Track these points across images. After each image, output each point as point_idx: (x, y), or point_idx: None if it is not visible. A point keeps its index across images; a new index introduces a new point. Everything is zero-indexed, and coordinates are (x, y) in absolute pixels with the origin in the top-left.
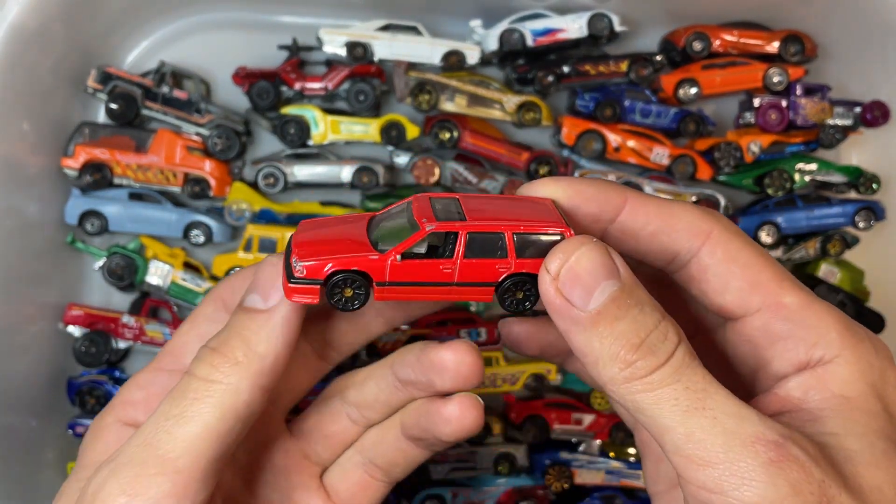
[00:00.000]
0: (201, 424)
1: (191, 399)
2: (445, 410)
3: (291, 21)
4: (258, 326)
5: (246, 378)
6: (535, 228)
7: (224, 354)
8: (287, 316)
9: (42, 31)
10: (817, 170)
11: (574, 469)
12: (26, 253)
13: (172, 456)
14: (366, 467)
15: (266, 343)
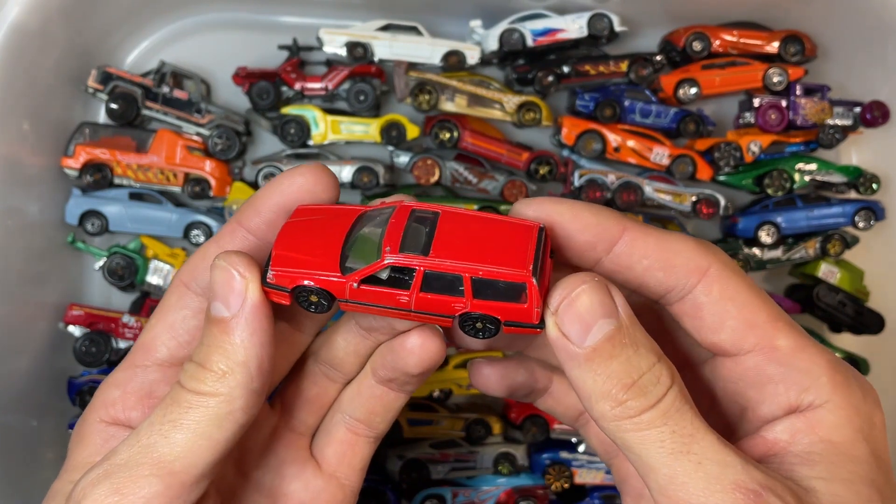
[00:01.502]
0: (196, 431)
1: (185, 408)
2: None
3: (292, 21)
4: (230, 336)
5: (236, 386)
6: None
7: (209, 369)
8: (252, 319)
9: (42, 32)
10: (817, 170)
11: (574, 469)
12: (27, 253)
13: (168, 459)
14: (347, 424)
15: (243, 350)
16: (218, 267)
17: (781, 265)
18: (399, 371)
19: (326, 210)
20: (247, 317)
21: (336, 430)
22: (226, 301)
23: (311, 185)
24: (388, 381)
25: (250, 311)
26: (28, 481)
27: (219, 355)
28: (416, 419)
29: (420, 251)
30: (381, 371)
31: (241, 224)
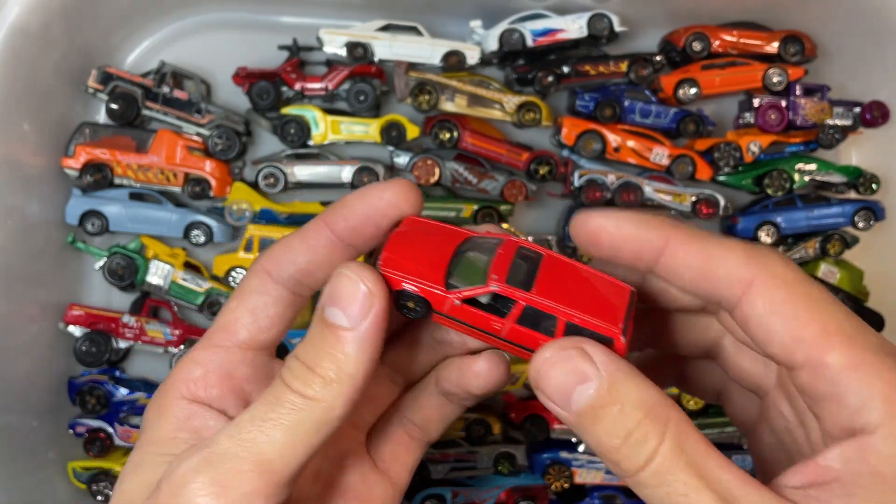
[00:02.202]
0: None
1: (287, 409)
2: (476, 365)
3: (292, 21)
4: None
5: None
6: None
7: (317, 373)
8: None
9: (43, 32)
10: (817, 170)
11: (574, 468)
12: (27, 253)
13: (269, 457)
14: (405, 427)
15: (355, 363)
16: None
17: None
18: (462, 389)
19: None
20: (366, 331)
21: (394, 430)
22: (347, 310)
23: (397, 200)
24: (448, 394)
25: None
26: (29, 481)
27: (329, 362)
28: None
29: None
30: (444, 384)
31: (328, 224)
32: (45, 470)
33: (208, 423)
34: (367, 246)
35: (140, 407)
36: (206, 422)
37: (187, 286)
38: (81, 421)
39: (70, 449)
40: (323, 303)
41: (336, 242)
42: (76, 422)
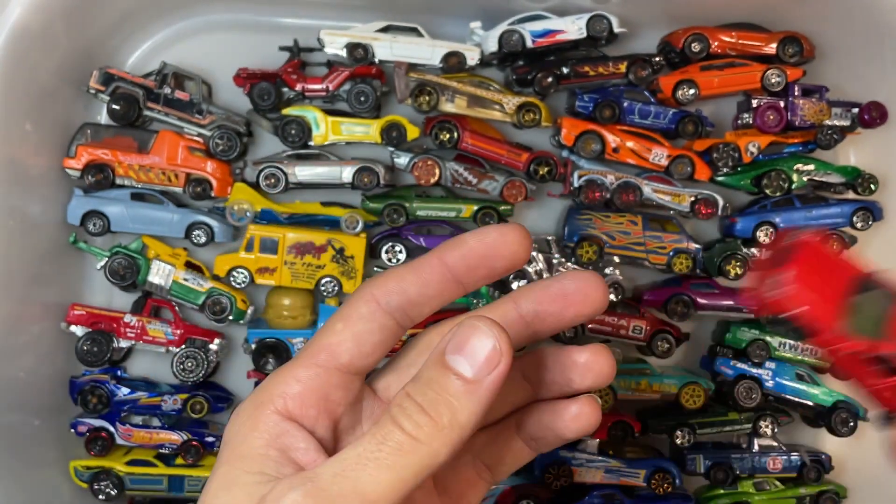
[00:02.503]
0: (400, 476)
1: (394, 450)
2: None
3: (293, 23)
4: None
5: (447, 444)
6: None
7: (431, 417)
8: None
9: (44, 33)
10: (815, 170)
11: (573, 467)
12: (29, 253)
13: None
14: (476, 467)
15: (469, 415)
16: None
17: None
18: (552, 433)
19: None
20: (488, 386)
21: (464, 468)
22: (474, 363)
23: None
24: (532, 439)
25: (493, 382)
26: (31, 479)
27: (446, 408)
28: None
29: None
30: (531, 429)
31: (443, 260)
32: (46, 469)
33: (299, 443)
34: (476, 286)
35: (142, 406)
36: (297, 442)
37: (188, 286)
38: (83, 420)
39: (72, 448)
40: (446, 349)
41: (449, 278)
42: (78, 421)
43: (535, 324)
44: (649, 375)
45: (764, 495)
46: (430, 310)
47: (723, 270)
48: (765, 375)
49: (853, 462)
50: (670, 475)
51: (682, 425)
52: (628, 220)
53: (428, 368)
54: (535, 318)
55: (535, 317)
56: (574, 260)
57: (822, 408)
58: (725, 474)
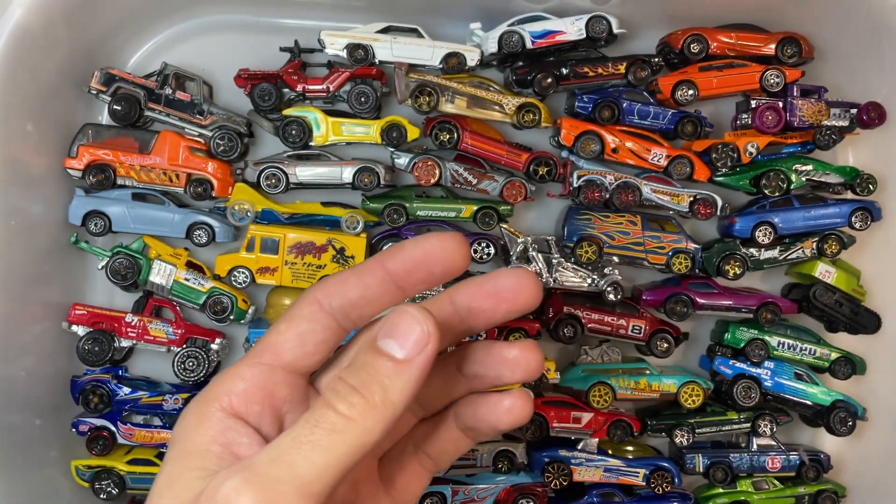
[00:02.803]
0: (335, 456)
1: (328, 430)
2: (505, 403)
3: (293, 24)
4: (396, 375)
5: (380, 422)
6: None
7: (363, 396)
8: (423, 370)
9: (46, 33)
10: (814, 170)
11: (573, 466)
12: (30, 253)
13: (307, 479)
14: (418, 458)
15: (400, 393)
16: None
17: (779, 265)
18: (487, 424)
19: None
20: (418, 366)
21: (408, 460)
22: (403, 344)
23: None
24: (469, 429)
25: (423, 361)
26: (32, 479)
27: (377, 387)
28: None
29: None
30: (467, 420)
31: (384, 265)
32: (48, 468)
33: (242, 438)
34: (416, 290)
35: (143, 406)
36: (240, 437)
37: (190, 286)
38: (84, 419)
39: (73, 447)
40: (378, 334)
41: (388, 282)
42: (79, 420)
43: (469, 319)
44: (648, 375)
45: (763, 494)
46: (372, 312)
47: (722, 270)
48: (763, 375)
49: (852, 461)
50: (669, 474)
51: (682, 425)
52: (627, 220)
53: (360, 354)
54: (469, 314)
55: (469, 312)
56: (574, 260)
57: (820, 407)
58: (724, 473)
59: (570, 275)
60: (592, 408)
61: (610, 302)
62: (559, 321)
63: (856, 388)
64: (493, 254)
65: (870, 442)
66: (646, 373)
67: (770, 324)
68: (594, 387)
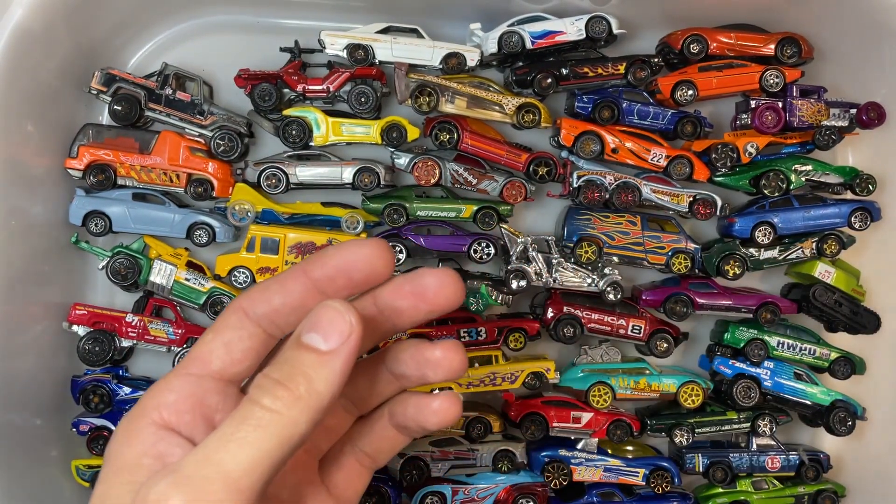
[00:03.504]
0: (262, 450)
1: (254, 425)
2: (434, 404)
3: (293, 24)
4: (320, 366)
5: (305, 412)
6: None
7: (288, 388)
8: (347, 360)
9: (46, 34)
10: (813, 170)
11: (572, 466)
12: (31, 253)
13: (235, 476)
14: (356, 456)
15: (326, 383)
16: (331, 307)
17: (778, 265)
18: (417, 424)
19: None
20: (342, 357)
21: (346, 459)
22: (327, 336)
23: (371, 256)
24: (402, 428)
25: (346, 352)
26: (33, 478)
27: (302, 379)
28: None
29: None
30: (399, 419)
31: (306, 272)
32: (48, 468)
33: (174, 449)
34: (338, 295)
35: None
36: (172, 448)
37: (190, 286)
38: (85, 419)
39: (73, 447)
40: (301, 330)
41: (311, 289)
42: (80, 420)
43: (393, 317)
44: (648, 375)
45: (762, 494)
46: (298, 318)
47: (721, 270)
48: (763, 375)
49: (852, 461)
50: (669, 474)
51: (681, 424)
52: (627, 220)
53: (285, 350)
54: (393, 313)
55: (393, 311)
56: (573, 260)
57: (820, 407)
58: (724, 473)
59: (570, 275)
60: (592, 407)
61: (610, 302)
62: (559, 321)
63: (855, 388)
64: (493, 254)
65: (870, 442)
66: (645, 373)
67: (770, 324)
68: (594, 387)
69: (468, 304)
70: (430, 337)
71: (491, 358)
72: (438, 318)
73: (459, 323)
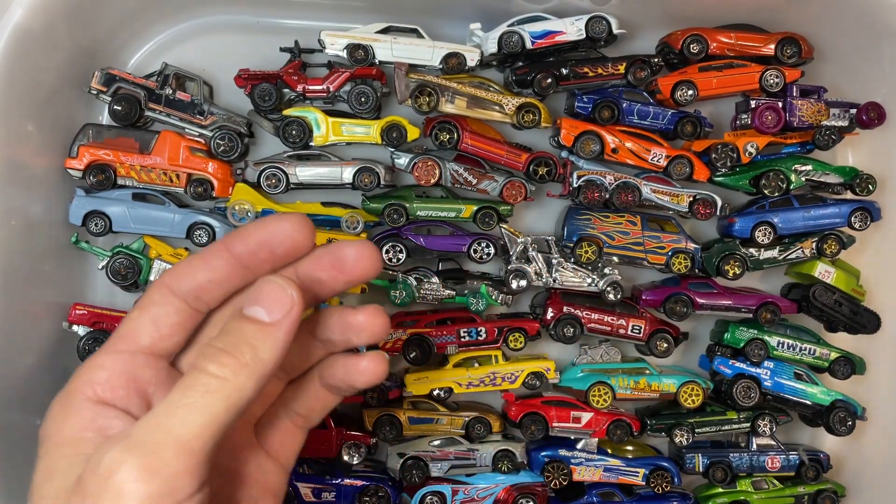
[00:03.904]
0: (211, 415)
1: (202, 391)
2: (361, 365)
3: (293, 24)
4: (265, 337)
5: (251, 379)
6: None
7: (234, 356)
8: (290, 331)
9: (46, 34)
10: (813, 170)
11: (572, 466)
12: (30, 253)
13: (185, 439)
14: (290, 417)
15: (270, 351)
16: (273, 283)
17: (778, 265)
18: (346, 384)
19: None
20: (285, 327)
21: (280, 421)
22: (270, 309)
23: (292, 231)
24: (331, 388)
25: (289, 323)
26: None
27: (248, 348)
28: (417, 417)
29: None
30: (328, 380)
31: (228, 248)
32: None
33: (113, 422)
34: (261, 270)
35: None
36: (111, 421)
37: None
38: None
39: None
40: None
41: (234, 264)
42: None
43: (314, 288)
44: (648, 375)
45: (762, 494)
46: (224, 293)
47: (721, 270)
48: (763, 375)
49: (851, 461)
50: (669, 474)
51: (681, 424)
52: (627, 220)
53: (228, 323)
54: (313, 284)
55: (313, 282)
56: (573, 260)
57: (820, 407)
58: (724, 473)
59: (570, 275)
60: (592, 407)
61: (610, 302)
62: (559, 321)
63: (855, 388)
64: (493, 254)
65: (869, 442)
66: (645, 373)
67: (770, 324)
68: (594, 386)
69: (468, 303)
70: (430, 336)
71: (491, 358)
72: (438, 318)
73: (459, 323)
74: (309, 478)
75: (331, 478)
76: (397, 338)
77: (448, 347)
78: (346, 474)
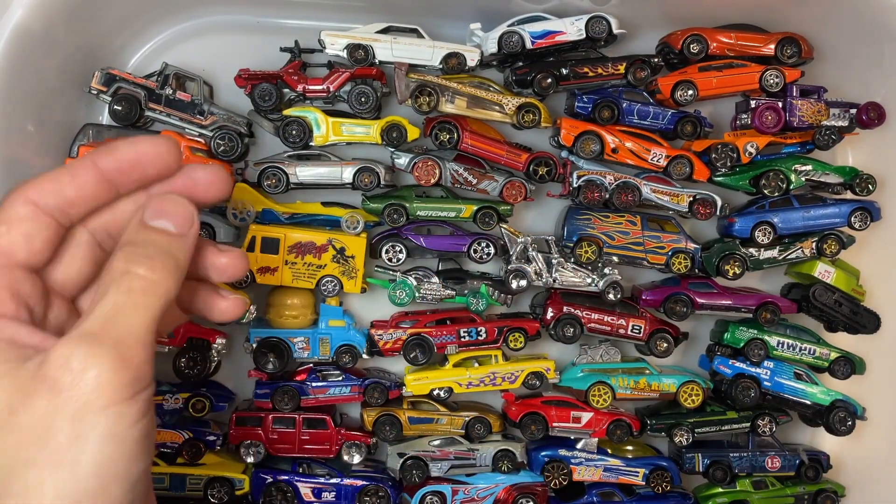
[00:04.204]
0: (153, 309)
1: (142, 291)
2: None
3: (294, 24)
4: (178, 245)
5: (176, 280)
6: None
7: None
8: (194, 241)
9: (46, 34)
10: (813, 170)
11: (572, 466)
12: None
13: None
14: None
15: (184, 259)
16: (175, 200)
17: (778, 265)
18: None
19: None
20: (191, 238)
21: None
22: (175, 221)
23: (163, 151)
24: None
25: (194, 234)
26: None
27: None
28: (417, 417)
29: None
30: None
31: (96, 163)
32: None
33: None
34: (129, 189)
35: None
36: (13, 329)
37: None
38: None
39: None
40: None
41: (102, 181)
42: None
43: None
44: (648, 374)
45: (762, 494)
46: (88, 209)
47: (721, 270)
48: (763, 374)
49: (851, 461)
50: (669, 474)
51: (681, 424)
52: (627, 220)
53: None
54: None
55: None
56: (573, 260)
57: (820, 407)
58: (724, 473)
59: (570, 275)
60: (592, 407)
61: (609, 302)
62: (559, 321)
63: (855, 388)
64: (493, 254)
65: (869, 442)
66: (645, 372)
67: (769, 323)
68: (594, 386)
69: (468, 302)
70: (430, 336)
71: (491, 358)
72: (437, 318)
73: (459, 323)
74: (309, 477)
75: (331, 477)
76: (397, 338)
77: (448, 347)
78: (346, 474)
